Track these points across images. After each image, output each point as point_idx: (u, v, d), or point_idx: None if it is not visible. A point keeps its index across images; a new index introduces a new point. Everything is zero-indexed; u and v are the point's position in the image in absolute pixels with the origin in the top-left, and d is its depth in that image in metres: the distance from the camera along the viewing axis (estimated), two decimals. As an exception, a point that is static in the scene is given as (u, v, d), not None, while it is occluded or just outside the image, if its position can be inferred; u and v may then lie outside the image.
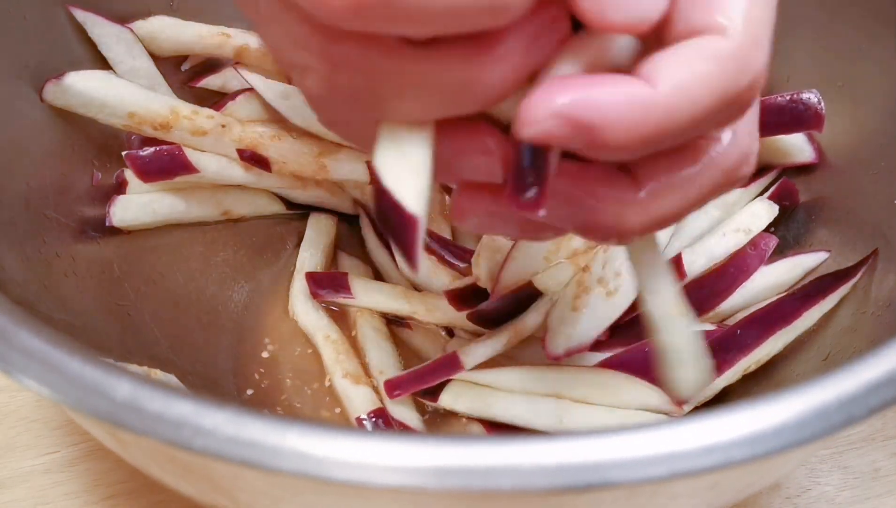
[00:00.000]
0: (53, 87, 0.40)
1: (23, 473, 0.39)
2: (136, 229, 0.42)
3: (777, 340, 0.38)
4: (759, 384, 0.38)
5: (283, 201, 0.46)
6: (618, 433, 0.22)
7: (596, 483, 0.21)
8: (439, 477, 0.21)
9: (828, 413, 0.22)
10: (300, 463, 0.21)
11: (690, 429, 0.22)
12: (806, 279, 0.41)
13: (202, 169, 0.42)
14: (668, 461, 0.21)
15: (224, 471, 0.23)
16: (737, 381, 0.38)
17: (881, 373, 0.23)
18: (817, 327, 0.38)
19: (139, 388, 0.22)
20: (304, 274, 0.44)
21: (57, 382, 0.22)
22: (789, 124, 0.41)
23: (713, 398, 0.38)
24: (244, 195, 0.45)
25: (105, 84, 0.41)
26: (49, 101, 0.40)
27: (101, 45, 0.43)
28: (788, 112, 0.41)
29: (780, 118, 0.41)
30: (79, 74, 0.41)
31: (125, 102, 0.41)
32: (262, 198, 0.45)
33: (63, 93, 0.40)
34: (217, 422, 0.21)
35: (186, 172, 0.42)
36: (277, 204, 0.46)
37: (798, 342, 0.38)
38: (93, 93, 0.41)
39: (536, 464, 0.21)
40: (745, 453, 0.21)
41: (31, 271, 0.36)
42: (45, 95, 0.40)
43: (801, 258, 0.41)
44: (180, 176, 0.42)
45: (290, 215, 0.47)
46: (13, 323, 0.24)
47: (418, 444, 0.21)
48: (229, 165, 0.43)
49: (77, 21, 0.42)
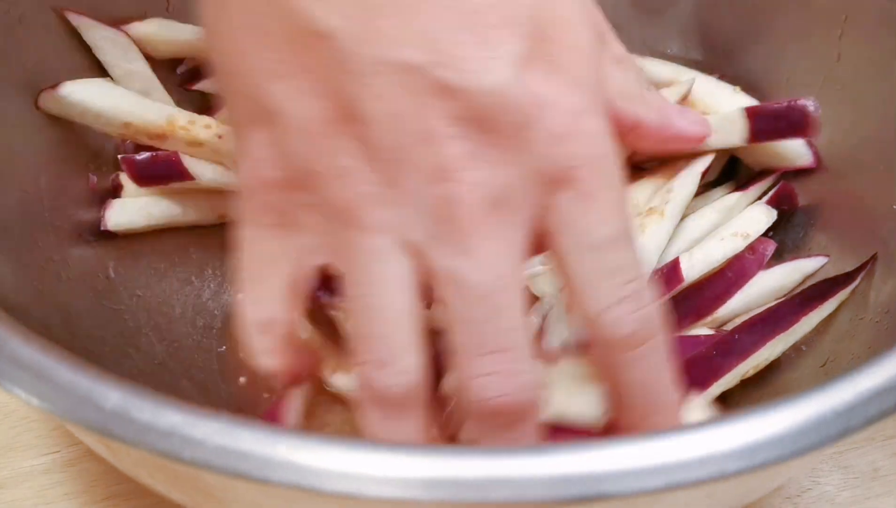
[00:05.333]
0: (49, 95, 0.40)
1: (23, 473, 0.39)
2: (131, 232, 0.42)
3: (775, 345, 0.37)
4: (759, 389, 0.38)
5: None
6: (612, 444, 0.22)
7: (590, 494, 0.21)
8: (431, 489, 0.21)
9: (825, 424, 0.22)
10: (291, 474, 0.21)
11: (685, 440, 0.22)
12: (805, 284, 0.40)
13: (198, 176, 0.42)
14: (663, 472, 0.21)
15: (214, 482, 0.23)
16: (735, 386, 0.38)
17: (878, 383, 0.23)
18: (815, 332, 0.38)
19: (129, 397, 0.22)
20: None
21: (45, 391, 0.22)
22: (784, 131, 0.41)
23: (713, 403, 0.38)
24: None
25: (101, 93, 0.41)
26: (45, 109, 0.40)
27: (95, 49, 0.43)
28: (784, 118, 0.41)
29: (776, 125, 0.41)
30: (75, 84, 0.40)
31: (121, 112, 0.41)
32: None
33: (59, 101, 0.40)
34: (207, 432, 0.21)
35: (182, 178, 0.42)
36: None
37: (796, 347, 0.38)
38: (88, 102, 0.40)
39: (530, 476, 0.21)
40: (741, 464, 0.21)
41: (25, 276, 0.36)
42: (41, 102, 0.40)
43: (800, 263, 0.41)
44: (176, 182, 0.42)
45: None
46: (2, 331, 0.24)
47: (411, 455, 0.21)
48: (225, 172, 0.43)
49: (72, 26, 0.42)
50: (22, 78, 0.39)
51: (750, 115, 0.41)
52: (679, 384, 0.31)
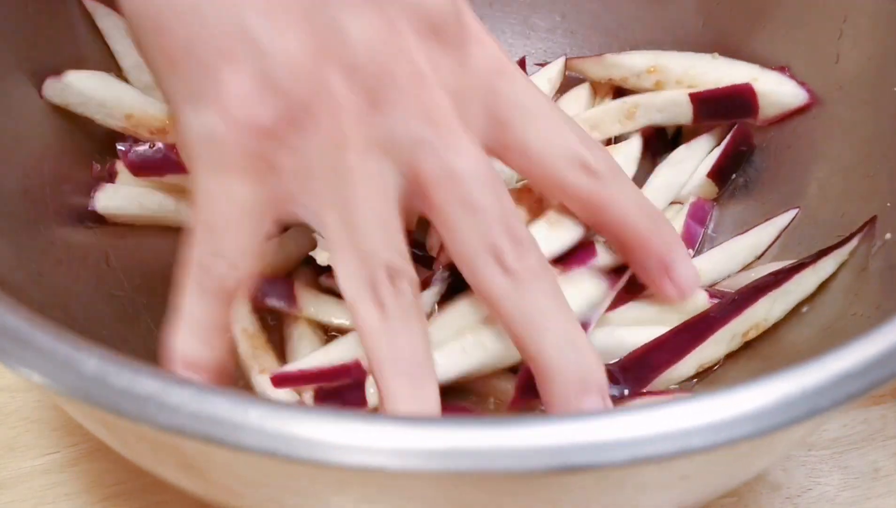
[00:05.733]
0: (53, 84, 0.40)
1: (23, 473, 0.39)
2: (122, 220, 0.42)
3: (773, 303, 0.38)
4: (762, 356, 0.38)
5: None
6: (581, 418, 0.22)
7: (557, 466, 0.21)
8: (400, 458, 0.21)
9: (792, 404, 0.22)
10: (263, 440, 0.21)
11: (655, 416, 0.22)
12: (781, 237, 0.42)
13: None
14: (629, 446, 0.21)
15: (191, 449, 0.23)
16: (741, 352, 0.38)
17: (848, 366, 0.23)
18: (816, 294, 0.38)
19: (106, 364, 0.22)
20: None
21: (26, 356, 0.23)
22: (728, 113, 0.44)
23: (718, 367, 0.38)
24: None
25: (104, 84, 0.42)
26: (48, 97, 0.41)
27: (108, 36, 0.44)
28: (727, 102, 0.44)
29: (718, 107, 0.44)
30: (79, 73, 0.41)
31: (123, 104, 0.42)
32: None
33: (62, 91, 0.41)
34: (182, 399, 0.22)
35: (178, 171, 0.42)
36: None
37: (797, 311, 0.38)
38: (91, 92, 0.41)
39: (499, 446, 0.21)
40: (705, 441, 0.21)
41: (25, 259, 0.36)
42: (45, 91, 0.40)
43: (773, 220, 0.42)
44: (171, 174, 0.42)
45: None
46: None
47: (380, 424, 0.22)
48: None
49: (84, 17, 0.43)
50: (30, 65, 0.40)
51: (693, 99, 0.44)
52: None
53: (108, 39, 0.43)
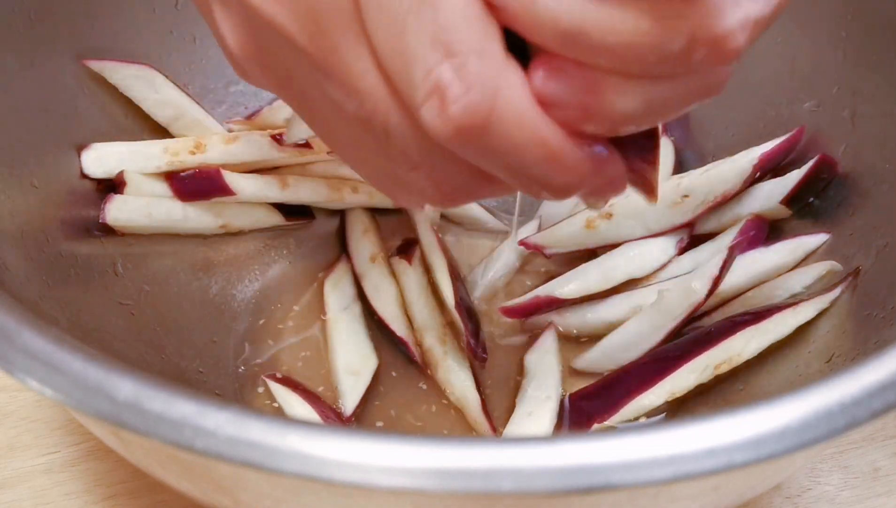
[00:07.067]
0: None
1: (23, 473, 0.39)
2: (131, 231, 0.42)
3: (748, 340, 0.38)
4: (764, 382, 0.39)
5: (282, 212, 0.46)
6: (619, 434, 0.22)
7: (597, 485, 0.21)
8: (440, 479, 0.21)
9: (831, 416, 0.22)
10: (301, 464, 0.21)
11: (693, 432, 0.22)
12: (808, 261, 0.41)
13: (239, 191, 0.43)
14: (671, 463, 0.21)
15: (225, 472, 0.23)
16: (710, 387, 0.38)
17: (884, 376, 0.23)
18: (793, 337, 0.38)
19: (141, 388, 0.22)
20: None
21: (59, 382, 0.22)
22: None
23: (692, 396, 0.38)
24: (243, 208, 0.45)
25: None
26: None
27: (122, 88, 0.44)
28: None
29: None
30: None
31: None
32: (261, 211, 0.45)
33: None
34: (219, 422, 0.21)
35: (224, 193, 0.43)
36: (276, 216, 0.46)
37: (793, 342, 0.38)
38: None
39: (538, 466, 0.21)
40: (748, 456, 0.21)
41: (35, 270, 0.36)
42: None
43: (802, 240, 0.41)
44: (217, 197, 0.43)
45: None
46: (16, 322, 0.24)
47: (420, 445, 0.21)
48: (266, 185, 0.44)
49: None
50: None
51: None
52: None
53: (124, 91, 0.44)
